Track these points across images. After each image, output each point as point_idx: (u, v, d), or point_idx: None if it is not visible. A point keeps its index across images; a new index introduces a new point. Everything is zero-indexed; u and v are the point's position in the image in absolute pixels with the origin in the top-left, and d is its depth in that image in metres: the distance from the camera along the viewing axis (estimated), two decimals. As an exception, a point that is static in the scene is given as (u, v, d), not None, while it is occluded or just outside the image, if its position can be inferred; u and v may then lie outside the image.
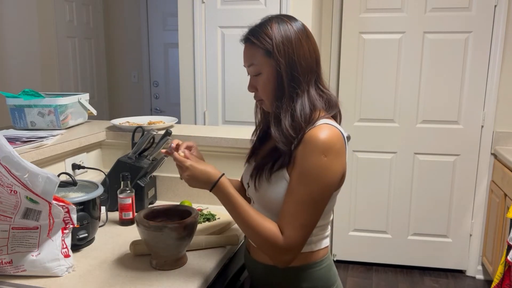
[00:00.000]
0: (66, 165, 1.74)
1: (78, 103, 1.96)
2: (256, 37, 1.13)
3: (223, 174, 1.15)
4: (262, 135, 1.30)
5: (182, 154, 1.18)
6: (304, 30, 1.15)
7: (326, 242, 1.24)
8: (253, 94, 1.24)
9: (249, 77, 1.21)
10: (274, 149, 1.16)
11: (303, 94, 1.13)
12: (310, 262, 1.20)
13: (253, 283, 1.32)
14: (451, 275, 3.18)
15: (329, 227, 1.25)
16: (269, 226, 1.10)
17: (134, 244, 1.32)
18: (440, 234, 3.18)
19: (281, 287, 1.22)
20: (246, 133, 1.86)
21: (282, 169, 1.13)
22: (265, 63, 1.13)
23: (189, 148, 1.26)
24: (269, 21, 1.15)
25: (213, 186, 1.14)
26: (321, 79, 1.19)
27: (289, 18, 1.16)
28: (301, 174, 1.09)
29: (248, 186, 1.25)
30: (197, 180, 1.14)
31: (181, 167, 1.15)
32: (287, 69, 1.11)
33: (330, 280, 1.24)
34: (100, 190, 1.40)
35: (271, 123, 1.15)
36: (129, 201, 1.56)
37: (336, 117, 1.21)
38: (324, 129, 1.09)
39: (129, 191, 1.56)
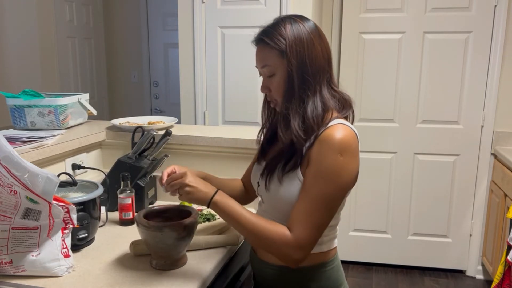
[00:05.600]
0: (66, 165, 1.74)
1: (78, 103, 1.96)
2: (270, 37, 1.12)
3: (218, 190, 1.15)
4: (271, 135, 1.28)
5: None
6: (316, 30, 1.14)
7: (335, 242, 1.24)
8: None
9: (261, 78, 1.20)
10: (285, 149, 1.14)
11: (315, 95, 1.12)
12: (321, 262, 1.20)
13: (260, 284, 1.31)
14: (451, 275, 3.18)
15: (338, 227, 1.25)
16: (274, 227, 1.10)
17: (134, 244, 1.32)
18: (440, 234, 3.18)
19: None
20: (246, 133, 1.86)
21: (294, 169, 1.12)
22: (279, 64, 1.12)
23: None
24: (281, 21, 1.13)
25: (209, 201, 1.13)
26: (333, 78, 1.18)
27: (301, 18, 1.15)
28: (317, 173, 1.08)
29: (258, 186, 1.25)
30: (194, 195, 1.14)
31: (180, 184, 1.14)
32: (298, 70, 1.10)
33: (339, 280, 1.25)
34: (100, 190, 1.40)
35: (279, 124, 1.13)
36: (129, 201, 1.56)
37: (348, 117, 1.20)
38: (339, 129, 1.09)
39: (129, 191, 1.56)
